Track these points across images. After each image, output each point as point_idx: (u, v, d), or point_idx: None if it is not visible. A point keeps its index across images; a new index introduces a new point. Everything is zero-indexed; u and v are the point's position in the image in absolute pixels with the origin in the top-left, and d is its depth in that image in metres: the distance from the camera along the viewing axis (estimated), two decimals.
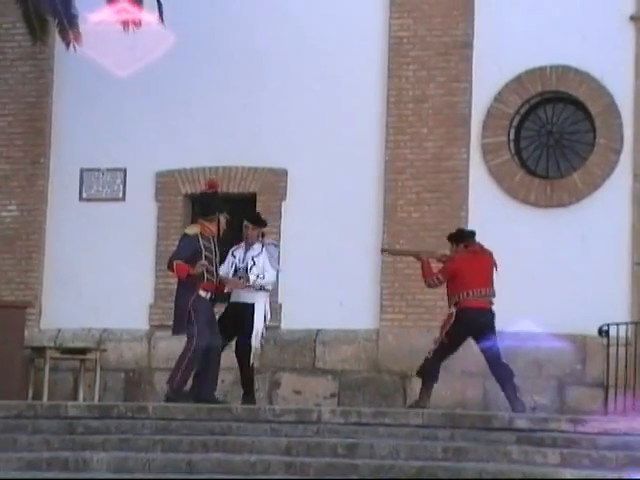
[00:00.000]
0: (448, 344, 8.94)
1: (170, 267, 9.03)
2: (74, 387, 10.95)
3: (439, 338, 8.93)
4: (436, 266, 9.16)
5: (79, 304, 11.22)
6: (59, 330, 11.34)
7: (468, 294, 8.90)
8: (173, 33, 10.77)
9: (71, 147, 11.49)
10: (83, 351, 10.78)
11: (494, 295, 9.12)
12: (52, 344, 11.04)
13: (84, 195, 11.51)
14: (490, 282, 9.06)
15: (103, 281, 11.19)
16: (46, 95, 11.54)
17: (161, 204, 11.34)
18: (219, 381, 10.60)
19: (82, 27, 10.30)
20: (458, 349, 9.06)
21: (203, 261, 8.89)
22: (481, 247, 9.21)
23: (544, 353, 10.18)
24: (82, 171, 11.50)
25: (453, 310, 8.91)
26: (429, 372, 8.95)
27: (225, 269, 9.35)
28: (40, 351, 10.65)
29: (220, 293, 9.21)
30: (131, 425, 8.11)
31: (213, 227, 9.06)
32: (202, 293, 8.95)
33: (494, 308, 9.10)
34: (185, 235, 9.10)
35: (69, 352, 10.77)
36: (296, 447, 7.69)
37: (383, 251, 9.79)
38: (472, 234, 9.26)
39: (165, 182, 11.38)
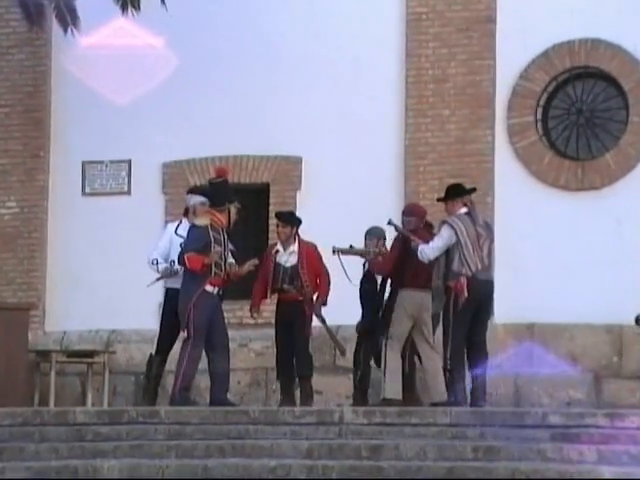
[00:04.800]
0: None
1: (181, 261, 8.97)
2: (82, 392, 11.03)
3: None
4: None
5: (85, 304, 11.30)
6: (65, 332, 11.41)
7: None
8: (181, 16, 10.83)
9: (72, 139, 11.55)
10: (90, 354, 10.85)
11: None
12: (58, 347, 11.11)
13: (87, 189, 11.57)
14: None
15: (110, 280, 11.26)
16: (44, 84, 11.59)
17: (169, 197, 11.40)
18: (235, 383, 10.75)
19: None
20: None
21: (218, 248, 8.83)
22: None
23: (579, 345, 10.22)
24: (84, 164, 11.55)
25: None
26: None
27: (163, 250, 9.17)
28: (45, 355, 10.72)
29: (227, 285, 9.17)
30: (143, 430, 8.16)
31: (223, 218, 9.00)
32: (209, 288, 8.90)
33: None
34: (194, 226, 9.03)
35: (76, 355, 10.85)
36: (317, 450, 7.73)
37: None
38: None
39: (172, 173, 11.44)
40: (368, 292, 9.44)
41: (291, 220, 9.54)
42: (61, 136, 11.61)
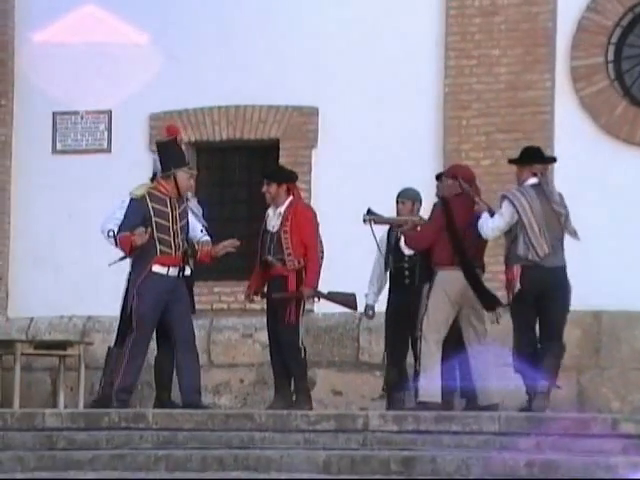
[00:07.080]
0: None
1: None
2: (53, 391, 11.08)
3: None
4: None
5: (56, 286, 11.32)
6: (32, 319, 11.46)
7: None
8: None
9: (40, 84, 11.53)
10: (63, 345, 10.87)
11: None
12: (23, 337, 11.19)
13: (58, 146, 11.61)
14: None
15: (86, 256, 11.27)
16: (6, 18, 11.58)
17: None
18: (237, 381, 10.74)
19: None
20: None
21: (140, 229, 8.71)
22: None
23: None
24: (55, 115, 11.56)
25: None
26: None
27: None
28: (8, 346, 10.75)
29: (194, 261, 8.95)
30: (126, 437, 8.18)
31: (169, 186, 8.89)
32: (158, 269, 8.79)
33: None
34: (131, 199, 8.93)
35: (45, 347, 10.88)
36: (337, 463, 7.71)
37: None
38: None
39: (161, 127, 11.38)
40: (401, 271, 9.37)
41: (275, 176, 9.32)
42: (27, 81, 11.61)
